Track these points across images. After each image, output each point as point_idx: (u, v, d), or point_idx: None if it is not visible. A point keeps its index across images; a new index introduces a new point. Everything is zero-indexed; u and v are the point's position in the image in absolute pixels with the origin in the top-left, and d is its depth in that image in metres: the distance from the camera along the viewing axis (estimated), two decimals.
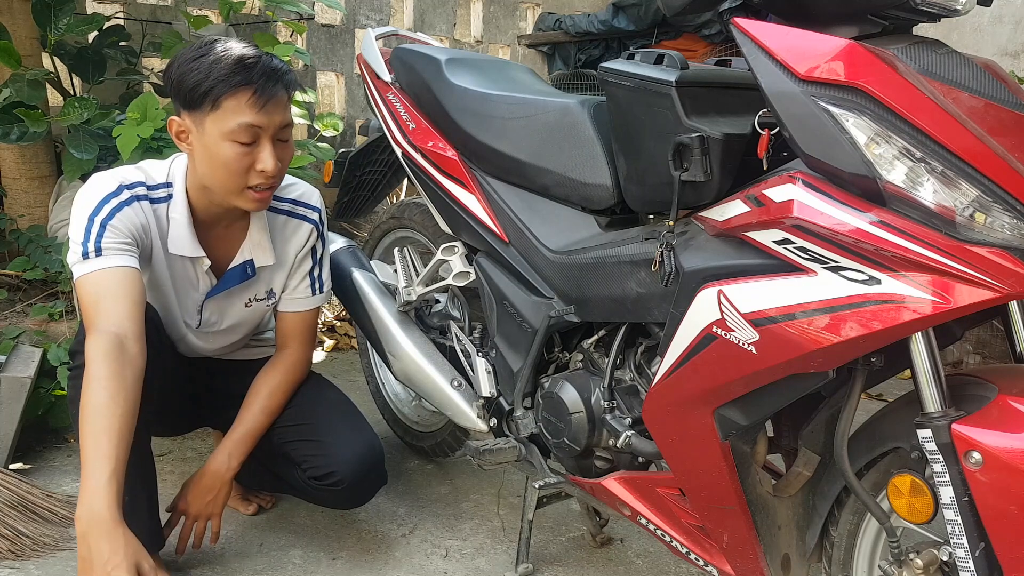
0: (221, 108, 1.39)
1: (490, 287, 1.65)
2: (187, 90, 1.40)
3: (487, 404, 1.72)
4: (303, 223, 1.67)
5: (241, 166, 1.42)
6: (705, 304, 1.15)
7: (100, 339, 1.31)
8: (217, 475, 1.58)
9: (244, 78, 1.38)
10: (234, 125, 1.39)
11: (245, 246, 1.60)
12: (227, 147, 1.41)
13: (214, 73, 1.38)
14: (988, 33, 3.83)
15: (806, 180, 1.05)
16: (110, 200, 1.43)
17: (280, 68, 1.44)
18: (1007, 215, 0.95)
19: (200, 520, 1.59)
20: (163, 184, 1.51)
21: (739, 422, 1.20)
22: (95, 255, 1.39)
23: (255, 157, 1.43)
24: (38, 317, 2.37)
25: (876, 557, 1.25)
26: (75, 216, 1.42)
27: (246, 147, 1.41)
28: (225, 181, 1.44)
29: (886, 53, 1.02)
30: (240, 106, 1.39)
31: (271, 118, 1.42)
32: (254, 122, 1.40)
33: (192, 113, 1.42)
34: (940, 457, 1.02)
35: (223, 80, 1.38)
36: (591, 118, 1.45)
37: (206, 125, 1.41)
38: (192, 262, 1.55)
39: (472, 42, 4.59)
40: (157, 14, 3.37)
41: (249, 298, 1.67)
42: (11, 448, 1.95)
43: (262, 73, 1.40)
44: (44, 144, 2.74)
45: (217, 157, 1.42)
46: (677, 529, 1.39)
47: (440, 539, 1.82)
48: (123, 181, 1.46)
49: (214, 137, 1.41)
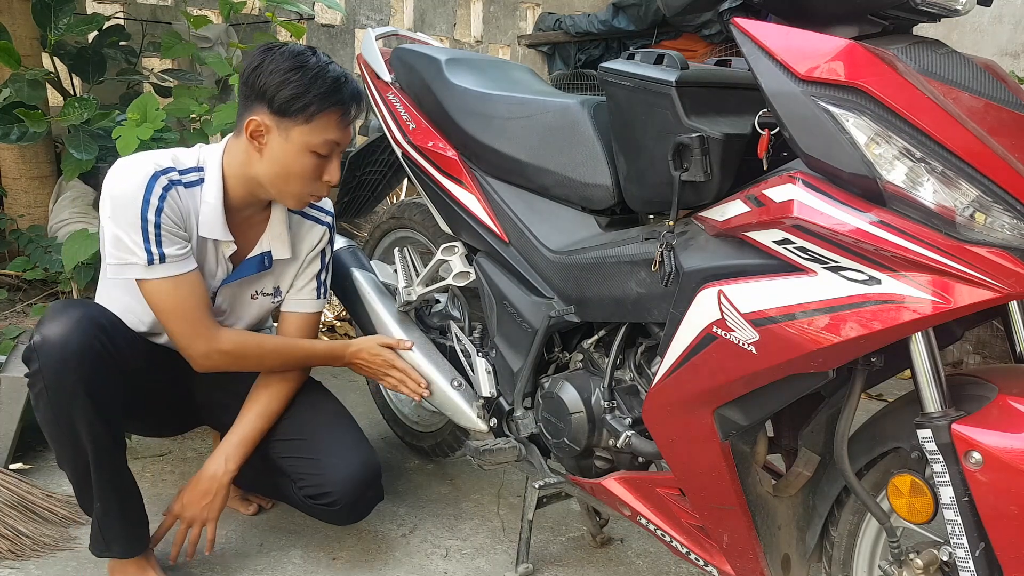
0: (313, 123, 1.47)
1: (490, 287, 1.65)
2: (284, 99, 1.45)
3: (487, 404, 1.72)
4: (316, 224, 1.71)
5: (314, 176, 1.52)
6: (705, 304, 1.15)
7: (222, 337, 1.54)
8: (214, 479, 1.57)
9: (339, 99, 1.48)
10: (321, 140, 1.48)
11: (264, 238, 1.63)
12: (308, 158, 1.49)
13: (313, 90, 1.45)
14: (988, 33, 3.83)
15: (806, 180, 1.05)
16: (154, 187, 1.45)
17: (361, 92, 1.56)
18: (1007, 215, 0.95)
19: (195, 525, 1.56)
20: (194, 168, 1.54)
21: (739, 422, 1.20)
22: (159, 262, 1.44)
23: (324, 169, 1.53)
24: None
25: (876, 557, 1.25)
26: (120, 209, 1.43)
27: (321, 159, 1.51)
28: (293, 187, 1.52)
29: (886, 53, 1.02)
30: (330, 124, 1.48)
31: (347, 136, 1.53)
32: (338, 139, 1.51)
33: (280, 119, 1.47)
34: (940, 457, 1.02)
35: (322, 97, 1.46)
36: (591, 118, 1.45)
37: (293, 134, 1.47)
38: (216, 246, 1.57)
39: (472, 42, 4.59)
40: (157, 14, 3.37)
41: (256, 290, 1.68)
42: (11, 448, 1.95)
43: (352, 95, 1.51)
44: (44, 144, 2.74)
45: (295, 164, 1.49)
46: (677, 529, 1.39)
47: (440, 539, 1.82)
48: (156, 167, 1.48)
49: (298, 146, 1.48)
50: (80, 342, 1.39)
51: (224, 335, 1.55)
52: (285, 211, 1.64)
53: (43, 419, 1.42)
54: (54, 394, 1.38)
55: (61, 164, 2.52)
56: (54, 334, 1.38)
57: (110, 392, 1.43)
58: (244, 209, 1.58)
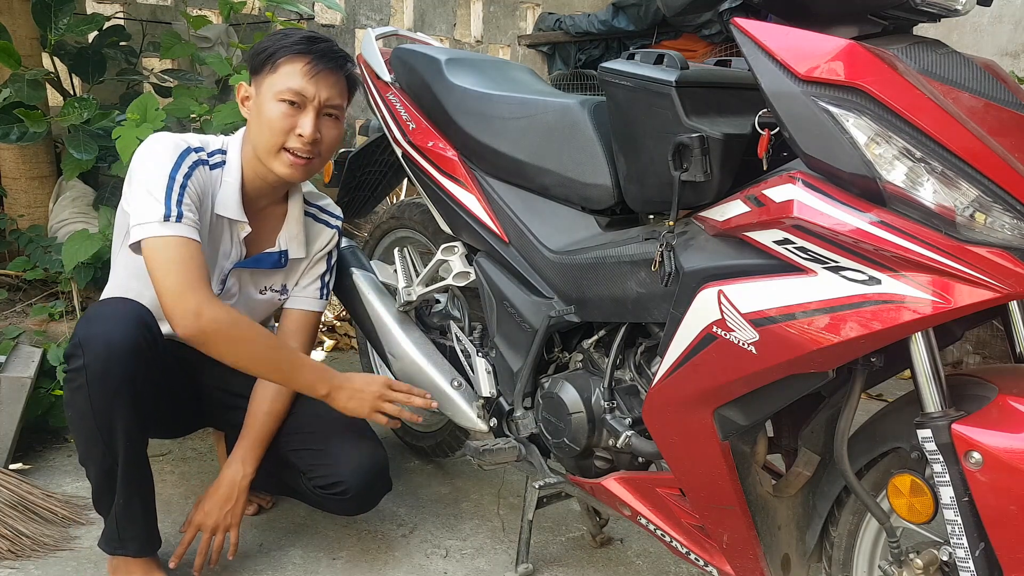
0: (278, 71, 1.51)
1: (490, 287, 1.65)
2: (255, 56, 1.54)
3: (487, 404, 1.72)
4: (326, 228, 1.76)
5: (283, 126, 1.51)
6: (705, 304, 1.15)
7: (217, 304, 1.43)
8: (234, 483, 1.58)
9: (304, 48, 1.51)
10: (284, 87, 1.50)
11: (281, 237, 1.67)
12: (275, 106, 1.51)
13: (280, 41, 1.52)
14: (988, 33, 3.83)
15: (806, 180, 1.05)
16: (186, 158, 1.50)
17: (341, 53, 1.57)
18: (1007, 215, 0.95)
19: (219, 533, 1.58)
20: (218, 151, 1.59)
21: (739, 422, 1.20)
22: (175, 220, 1.43)
23: (297, 121, 1.51)
24: (38, 317, 2.37)
25: (876, 557, 1.25)
26: (151, 169, 1.45)
27: (292, 109, 1.51)
28: (267, 138, 1.52)
29: (886, 53, 1.02)
30: (294, 71, 1.50)
31: (318, 90, 1.51)
32: (302, 89, 1.50)
33: (256, 77, 1.55)
34: (940, 457, 1.02)
35: (287, 47, 1.51)
36: (591, 118, 1.45)
37: (263, 86, 1.53)
38: (231, 226, 1.59)
39: (472, 42, 4.59)
40: (157, 14, 3.36)
41: (266, 286, 1.71)
42: (11, 448, 1.95)
43: (322, 49, 1.52)
44: (44, 144, 2.73)
45: (264, 114, 1.51)
46: (677, 529, 1.39)
47: (440, 539, 1.82)
48: (189, 144, 1.53)
49: (266, 96, 1.52)
50: (130, 339, 1.40)
51: (218, 301, 1.46)
52: (300, 211, 1.69)
53: (78, 414, 1.41)
54: (97, 390, 1.38)
55: (61, 164, 2.52)
56: (102, 331, 1.39)
57: (150, 390, 1.45)
58: (261, 196, 1.62)
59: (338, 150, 2.20)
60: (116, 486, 1.45)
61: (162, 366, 1.50)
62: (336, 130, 1.58)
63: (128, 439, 1.43)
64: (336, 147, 1.62)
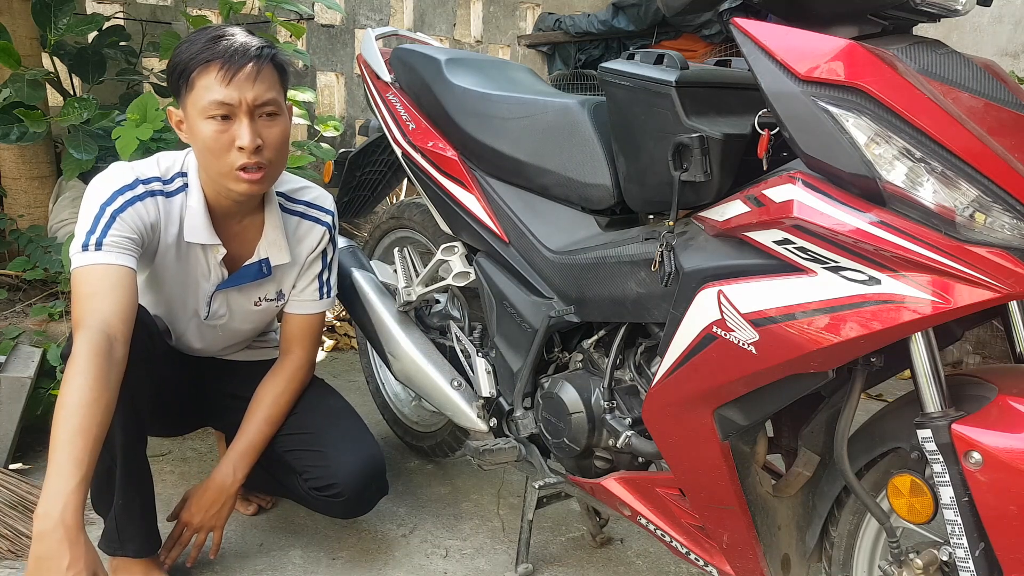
0: (194, 88, 1.40)
1: (490, 287, 1.65)
2: (170, 78, 1.43)
3: (487, 404, 1.72)
4: (316, 225, 1.67)
5: (220, 144, 1.41)
6: (705, 304, 1.15)
7: (90, 336, 1.28)
8: (222, 488, 1.58)
9: (210, 54, 1.39)
10: (206, 102, 1.39)
11: (261, 245, 1.60)
12: (204, 125, 1.40)
13: (186, 54, 1.40)
14: (988, 33, 3.83)
15: (806, 180, 1.05)
16: (125, 192, 1.43)
17: (249, 44, 1.42)
18: (1007, 215, 0.95)
19: (201, 532, 1.58)
20: (179, 174, 1.51)
21: (739, 422, 1.20)
22: (95, 248, 1.37)
23: (233, 133, 1.40)
24: (38, 317, 2.37)
25: (876, 557, 1.25)
26: (87, 203, 1.42)
27: (223, 123, 1.40)
28: (212, 162, 1.43)
29: (886, 53, 1.02)
30: (209, 82, 1.38)
31: (242, 93, 1.39)
32: (223, 98, 1.38)
33: (179, 100, 1.43)
34: (940, 457, 1.03)
35: (192, 58, 1.39)
36: (591, 118, 1.45)
37: (188, 107, 1.42)
38: (205, 251, 1.55)
39: (472, 42, 4.59)
40: (157, 14, 3.36)
41: (259, 297, 1.67)
42: (11, 448, 1.95)
43: (227, 48, 1.39)
44: (44, 144, 2.74)
45: (198, 137, 1.42)
46: (677, 529, 1.39)
47: (440, 539, 1.82)
48: (140, 176, 1.46)
49: (193, 117, 1.41)
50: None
51: (87, 339, 1.27)
52: (278, 216, 1.61)
53: None
54: None
55: (61, 164, 2.52)
56: None
57: (147, 389, 1.44)
58: (231, 214, 1.55)
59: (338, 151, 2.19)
60: (115, 486, 1.45)
61: (161, 366, 1.50)
62: (279, 126, 1.46)
63: (127, 439, 1.42)
64: (286, 143, 1.49)
